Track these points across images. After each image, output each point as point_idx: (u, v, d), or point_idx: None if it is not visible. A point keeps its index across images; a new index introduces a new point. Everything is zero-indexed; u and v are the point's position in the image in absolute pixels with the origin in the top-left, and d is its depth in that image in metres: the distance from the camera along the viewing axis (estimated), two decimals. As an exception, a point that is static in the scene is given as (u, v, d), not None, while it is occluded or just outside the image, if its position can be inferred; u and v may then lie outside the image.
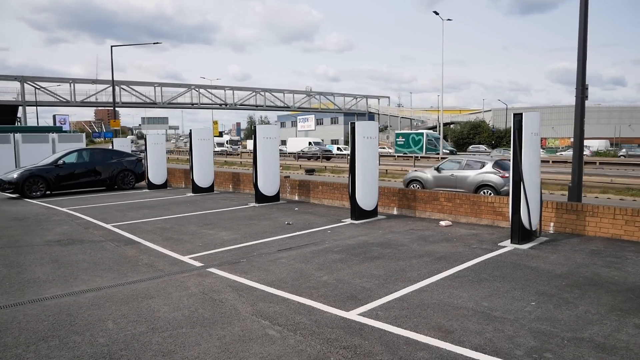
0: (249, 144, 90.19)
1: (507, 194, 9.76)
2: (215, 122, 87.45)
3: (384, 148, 64.92)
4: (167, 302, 5.24)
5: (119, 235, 8.95)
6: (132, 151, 22.61)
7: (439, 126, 50.95)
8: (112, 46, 32.37)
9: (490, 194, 12.67)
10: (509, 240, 7.71)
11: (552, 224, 8.56)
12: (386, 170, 26.82)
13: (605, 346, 3.91)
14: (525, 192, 7.40)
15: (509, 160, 7.87)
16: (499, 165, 13.74)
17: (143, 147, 18.42)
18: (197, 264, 6.91)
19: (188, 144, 15.38)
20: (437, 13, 42.65)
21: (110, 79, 34.43)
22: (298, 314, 4.83)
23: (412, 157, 36.28)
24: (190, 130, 15.33)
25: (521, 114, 7.39)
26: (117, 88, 56.86)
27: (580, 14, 9.41)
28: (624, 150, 48.08)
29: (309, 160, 40.34)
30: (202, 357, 3.89)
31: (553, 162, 24.86)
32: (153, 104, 61.45)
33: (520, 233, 7.54)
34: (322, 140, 67.73)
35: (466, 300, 5.09)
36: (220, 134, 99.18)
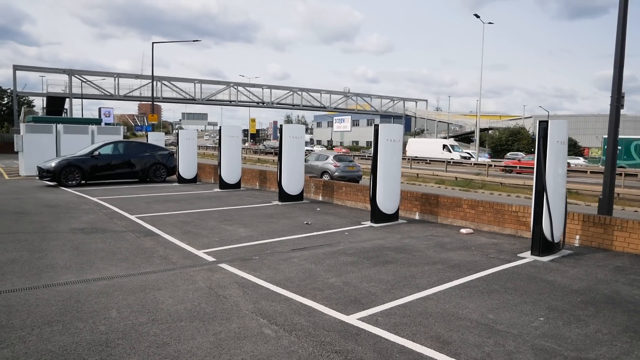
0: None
1: (340, 178, 17.10)
2: (252, 120, 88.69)
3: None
4: (172, 295, 5.31)
5: (140, 227, 9.16)
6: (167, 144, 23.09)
7: (476, 131, 49.87)
8: (153, 43, 33.52)
9: (328, 177, 18.50)
10: (530, 251, 7.45)
11: (577, 236, 8.22)
12: (417, 174, 26.52)
13: (609, 368, 3.72)
14: (548, 202, 7.13)
15: (346, 155, 7.86)
16: (337, 158, 21.29)
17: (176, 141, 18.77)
18: (210, 258, 6.99)
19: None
20: (477, 16, 41.78)
21: (154, 74, 35.42)
22: (298, 314, 4.81)
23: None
24: (220, 127, 15.56)
25: (547, 122, 7.13)
26: (158, 83, 58.38)
27: (618, 20, 9.01)
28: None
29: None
30: (194, 352, 3.92)
31: (591, 172, 23.92)
32: (192, 100, 62.73)
33: (541, 244, 7.27)
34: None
35: (472, 311, 4.94)
36: (257, 132, 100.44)
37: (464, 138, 72.71)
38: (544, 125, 7.09)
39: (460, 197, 10.29)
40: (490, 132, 67.88)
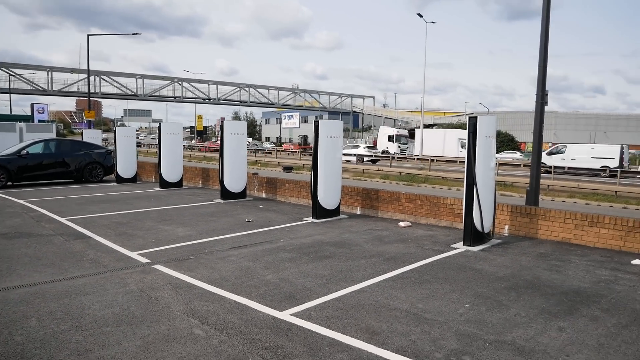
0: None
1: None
2: (199, 117, 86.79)
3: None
4: (100, 299, 5.13)
5: (70, 230, 8.77)
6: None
7: (421, 127, 51.17)
8: (88, 35, 31.88)
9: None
10: (462, 242, 7.74)
11: (506, 226, 8.63)
12: (363, 169, 26.91)
13: (524, 349, 3.92)
14: (478, 195, 7.43)
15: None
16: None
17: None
18: (144, 260, 6.79)
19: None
20: (420, 15, 42.81)
21: (92, 68, 33.91)
22: (230, 313, 4.77)
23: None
24: (159, 123, 15.14)
25: (476, 118, 7.41)
26: (96, 78, 56.11)
27: (542, 25, 9.51)
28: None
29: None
30: (118, 357, 3.80)
31: (524, 165, 25.18)
32: (134, 96, 60.77)
33: (472, 235, 7.57)
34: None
35: (402, 301, 5.08)
36: (205, 129, 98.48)
37: (410, 134, 74.41)
38: (473, 121, 7.37)
39: (399, 191, 10.54)
40: (434, 127, 69.83)
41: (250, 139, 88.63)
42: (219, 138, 12.40)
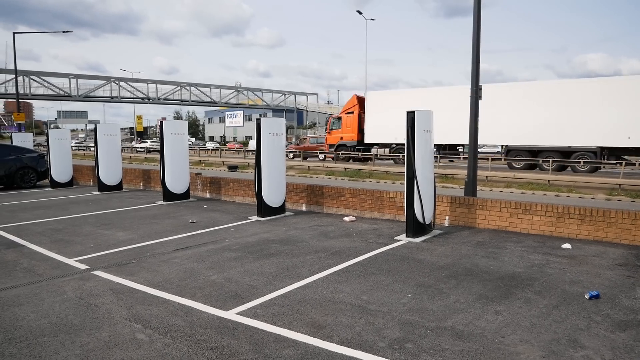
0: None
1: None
2: (139, 117, 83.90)
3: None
4: (35, 310, 4.88)
5: (1, 239, 8.27)
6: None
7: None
8: (14, 33, 30.08)
9: None
10: (405, 234, 7.96)
11: (447, 217, 8.95)
12: (308, 166, 27.01)
13: (463, 333, 4.10)
14: (418, 187, 7.66)
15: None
16: None
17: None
18: (83, 266, 6.52)
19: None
20: (360, 12, 43.42)
21: (20, 68, 31.94)
22: (175, 315, 4.68)
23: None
24: (95, 125, 14.54)
25: (414, 112, 7.62)
26: (25, 79, 53.02)
27: (474, 22, 9.90)
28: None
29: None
30: (54, 367, 3.64)
31: (464, 158, 26.16)
32: (68, 97, 57.90)
33: (414, 227, 7.79)
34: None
35: (347, 294, 5.16)
36: (145, 130, 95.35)
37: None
38: (411, 116, 7.58)
39: (343, 187, 10.67)
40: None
41: (193, 139, 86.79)
42: (159, 138, 12.05)
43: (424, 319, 4.44)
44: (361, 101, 29.41)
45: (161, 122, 12.24)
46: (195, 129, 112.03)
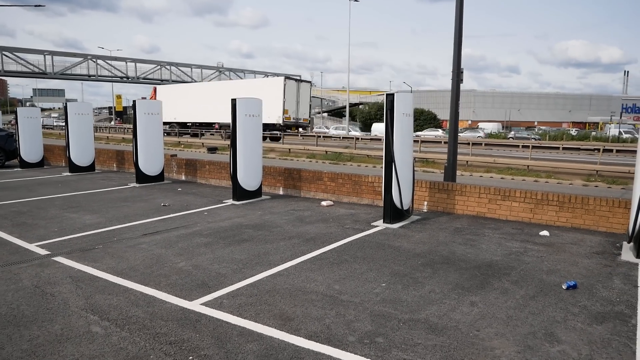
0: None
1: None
2: (118, 96, 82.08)
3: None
4: (-16, 299, 4.57)
5: (-42, 221, 7.86)
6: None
7: (347, 106, 51.65)
8: (-15, 7, 28.81)
9: None
10: (382, 220, 7.77)
11: (425, 202, 8.78)
12: (289, 149, 26.67)
13: (437, 326, 3.92)
14: (397, 172, 7.45)
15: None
16: None
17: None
18: (43, 252, 6.19)
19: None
20: (344, -8, 42.69)
21: (-14, 44, 30.72)
22: (135, 306, 4.41)
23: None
24: (66, 103, 13.97)
25: (393, 95, 7.38)
26: (-2, 55, 51.19)
27: (456, 9, 9.65)
28: (512, 132, 51.93)
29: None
30: (-3, 364, 3.36)
31: (444, 142, 26.12)
32: (43, 74, 56.11)
33: (392, 212, 7.61)
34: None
35: (319, 283, 4.95)
36: (125, 110, 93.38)
37: (337, 113, 75.10)
38: (390, 98, 7.33)
39: (321, 170, 10.42)
40: (360, 106, 70.85)
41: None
42: (132, 118, 11.61)
43: (397, 310, 4.25)
44: (155, 90, 43.52)
45: (134, 102, 11.78)
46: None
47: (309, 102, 37.47)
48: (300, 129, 35.53)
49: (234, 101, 9.41)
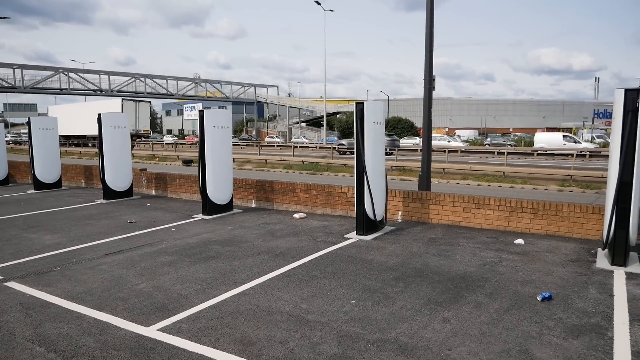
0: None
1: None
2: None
3: (272, 137, 64.75)
4: None
5: None
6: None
7: (324, 116, 51.62)
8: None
9: None
10: (355, 231, 7.56)
11: (400, 212, 8.62)
12: (266, 160, 26.40)
13: (407, 346, 3.71)
14: (369, 182, 7.27)
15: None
16: None
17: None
18: (-5, 276, 5.81)
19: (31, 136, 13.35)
20: (318, 3, 42.86)
21: (-49, 58, 29.84)
22: (87, 334, 4.10)
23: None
24: (29, 118, 13.47)
25: (363, 103, 7.22)
26: (-35, 70, 49.83)
27: (427, 15, 9.59)
28: (488, 139, 52.57)
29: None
30: None
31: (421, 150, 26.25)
32: (12, 89, 54.74)
33: (365, 224, 7.41)
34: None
35: (286, 302, 4.70)
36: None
37: (315, 122, 75.00)
38: (360, 107, 7.17)
39: (293, 182, 10.19)
40: (338, 116, 70.94)
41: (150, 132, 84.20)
42: (98, 131, 11.22)
43: (365, 330, 4.03)
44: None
45: (99, 115, 11.39)
46: (153, 121, 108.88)
47: (149, 117, 51.89)
48: (143, 137, 46.89)
49: (201, 113, 9.13)
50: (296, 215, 9.15)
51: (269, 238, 7.49)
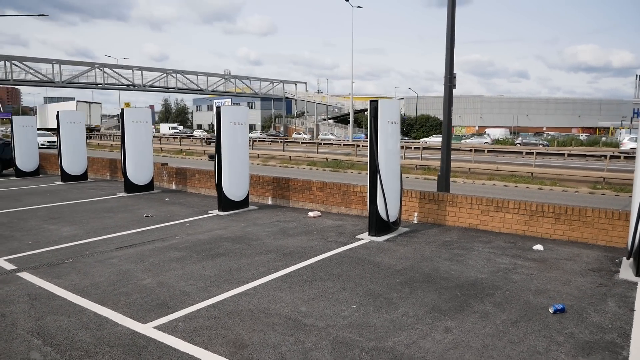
0: (162, 127, 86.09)
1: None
2: (127, 104, 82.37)
3: (300, 134, 64.87)
4: None
5: None
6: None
7: (351, 113, 51.30)
8: (-11, 16, 29.03)
9: None
10: (368, 232, 7.42)
11: (416, 214, 8.41)
12: (290, 156, 26.38)
13: (402, 357, 3.55)
14: (382, 182, 7.10)
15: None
16: None
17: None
18: (10, 267, 5.93)
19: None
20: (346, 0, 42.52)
21: (5, 53, 30.93)
22: (85, 329, 4.11)
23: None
24: (58, 112, 13.79)
25: (377, 101, 7.04)
26: (6, 64, 51.65)
27: (448, 13, 9.33)
28: (520, 138, 51.28)
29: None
30: None
31: (454, 149, 25.78)
32: (51, 83, 56.47)
33: (377, 224, 7.25)
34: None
35: (285, 305, 4.61)
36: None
37: (342, 119, 74.67)
38: (374, 105, 7.00)
39: (310, 180, 10.08)
40: (366, 113, 70.44)
41: (180, 127, 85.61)
42: (120, 126, 11.39)
43: (362, 337, 3.90)
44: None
45: (121, 110, 11.56)
46: (183, 117, 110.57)
47: (100, 115, 64.06)
48: (95, 131, 57.84)
49: (218, 109, 9.11)
50: (310, 214, 9.05)
51: (280, 236, 7.42)
